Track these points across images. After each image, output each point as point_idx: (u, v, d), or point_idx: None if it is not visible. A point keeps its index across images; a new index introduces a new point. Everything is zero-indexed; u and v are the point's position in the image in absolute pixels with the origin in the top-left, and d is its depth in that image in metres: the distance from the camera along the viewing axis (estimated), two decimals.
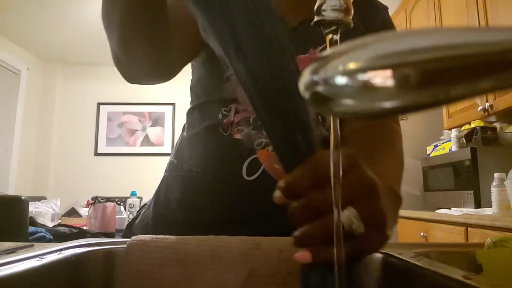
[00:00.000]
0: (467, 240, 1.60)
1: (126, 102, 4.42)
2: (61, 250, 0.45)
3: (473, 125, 2.02)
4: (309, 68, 0.20)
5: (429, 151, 2.33)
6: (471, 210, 1.71)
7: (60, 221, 2.62)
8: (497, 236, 0.48)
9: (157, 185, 0.68)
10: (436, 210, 1.97)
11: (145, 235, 0.48)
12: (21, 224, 1.75)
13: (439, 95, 0.16)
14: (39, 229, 2.02)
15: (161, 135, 4.42)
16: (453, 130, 2.11)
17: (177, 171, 0.65)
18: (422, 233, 1.98)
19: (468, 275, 0.32)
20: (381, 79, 0.17)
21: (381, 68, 0.17)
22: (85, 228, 2.23)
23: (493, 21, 1.85)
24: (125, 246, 0.47)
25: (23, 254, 0.40)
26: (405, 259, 0.41)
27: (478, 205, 1.75)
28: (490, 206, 1.64)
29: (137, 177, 4.14)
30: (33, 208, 2.39)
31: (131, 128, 4.42)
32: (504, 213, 1.53)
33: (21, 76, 3.94)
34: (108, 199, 2.39)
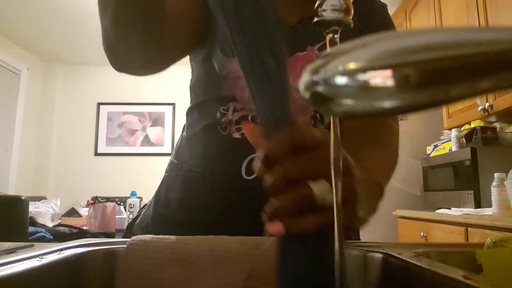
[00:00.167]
0: (467, 240, 1.60)
1: (126, 102, 4.42)
2: (61, 250, 0.45)
3: (473, 125, 2.02)
4: (309, 68, 0.20)
5: (429, 151, 2.34)
6: (471, 210, 1.71)
7: (60, 221, 2.62)
8: (497, 236, 0.48)
9: (157, 185, 0.68)
10: (436, 210, 1.97)
11: (145, 235, 0.48)
12: (21, 224, 1.75)
13: (439, 95, 0.16)
14: (39, 229, 2.02)
15: (161, 135, 4.42)
16: (453, 130, 2.11)
17: (177, 171, 0.65)
18: (422, 233, 1.98)
19: (468, 275, 0.32)
20: (381, 79, 0.17)
21: (381, 68, 0.17)
22: (85, 228, 2.23)
23: (493, 21, 1.85)
24: (125, 246, 0.47)
25: (23, 254, 0.40)
26: (405, 259, 0.41)
27: (478, 205, 1.75)
28: (490, 206, 1.64)
29: (137, 177, 4.14)
30: (33, 208, 2.39)
31: (131, 128, 4.42)
32: (504, 213, 1.53)
33: (21, 76, 3.95)
34: (108, 199, 2.39)
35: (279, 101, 0.32)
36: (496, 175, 1.60)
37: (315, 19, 0.30)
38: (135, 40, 0.51)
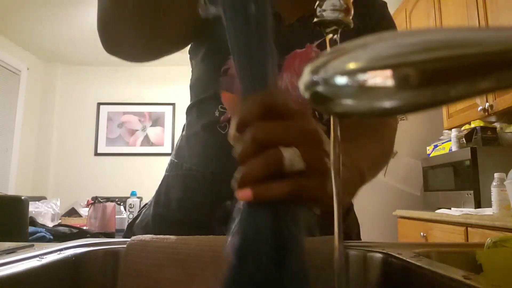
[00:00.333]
0: (467, 240, 1.60)
1: (126, 102, 4.42)
2: (61, 250, 0.45)
3: (473, 125, 2.02)
4: (309, 68, 0.20)
5: (429, 151, 2.34)
6: (471, 210, 1.71)
7: (60, 221, 2.62)
8: (497, 236, 0.48)
9: (157, 185, 0.68)
10: (436, 210, 1.97)
11: (145, 235, 0.48)
12: (21, 224, 1.75)
13: (439, 95, 0.16)
14: (39, 229, 2.02)
15: (161, 135, 4.42)
16: (453, 130, 2.11)
17: (177, 170, 0.65)
18: (422, 233, 1.98)
19: (468, 275, 0.32)
20: (381, 79, 0.17)
21: (381, 68, 0.17)
22: (85, 228, 2.23)
23: (493, 21, 1.85)
24: (125, 246, 0.47)
25: (23, 254, 0.40)
26: (405, 259, 0.41)
27: (478, 205, 1.75)
28: (490, 206, 1.64)
29: (137, 177, 4.14)
30: (33, 208, 2.39)
31: (131, 128, 4.42)
32: (504, 213, 1.53)
33: (21, 76, 3.95)
34: (108, 199, 2.39)
35: (259, 67, 0.32)
36: (496, 175, 1.60)
37: (315, 19, 0.30)
38: (129, 25, 0.51)
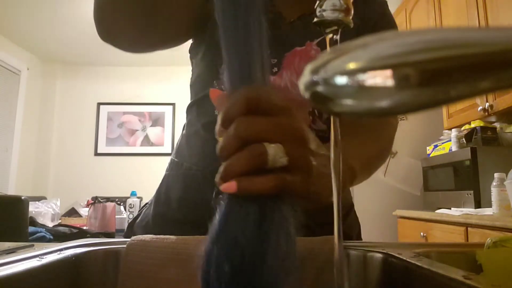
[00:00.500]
0: (467, 240, 1.60)
1: (126, 102, 4.42)
2: (61, 250, 0.45)
3: (473, 125, 2.02)
4: (309, 68, 0.20)
5: (429, 151, 2.33)
6: (471, 210, 1.71)
7: (60, 221, 2.62)
8: (497, 236, 0.48)
9: (157, 185, 0.68)
10: (436, 210, 1.97)
11: (145, 235, 0.48)
12: (21, 224, 1.75)
13: (439, 95, 0.16)
14: (39, 229, 2.02)
15: (161, 135, 4.42)
16: (453, 130, 2.11)
17: (178, 169, 0.65)
18: (422, 233, 1.98)
19: (468, 275, 0.32)
20: (381, 79, 0.17)
21: (381, 68, 0.17)
22: (85, 228, 2.23)
23: (493, 21, 1.85)
24: (125, 246, 0.47)
25: (23, 254, 0.40)
26: (405, 259, 0.41)
27: (478, 205, 1.75)
28: (490, 206, 1.64)
29: (137, 177, 4.14)
30: (33, 208, 2.39)
31: (131, 128, 4.42)
32: (504, 213, 1.53)
33: (21, 76, 3.95)
34: (108, 199, 2.39)
35: (244, 63, 0.32)
36: (496, 175, 1.60)
37: (315, 19, 0.30)
38: (125, 17, 0.52)
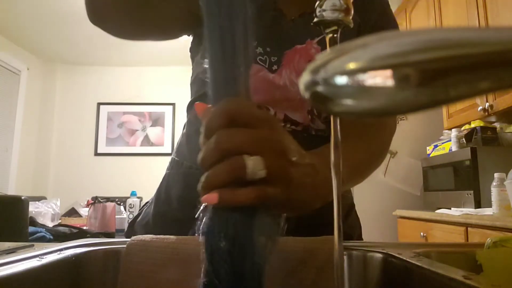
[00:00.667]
0: (467, 240, 1.60)
1: (126, 102, 4.42)
2: (61, 250, 0.45)
3: (473, 125, 2.02)
4: (309, 68, 0.20)
5: (429, 151, 2.34)
6: (471, 210, 1.71)
7: (60, 221, 2.62)
8: (497, 236, 0.48)
9: (157, 185, 0.68)
10: (436, 210, 1.97)
11: (145, 235, 0.48)
12: (21, 224, 1.75)
13: (439, 95, 0.16)
14: (39, 229, 2.02)
15: (161, 135, 4.42)
16: (453, 130, 2.11)
17: (178, 168, 0.65)
18: (422, 233, 1.98)
19: (468, 275, 0.32)
20: (381, 79, 0.17)
21: (381, 68, 0.17)
22: (85, 228, 2.23)
23: (493, 21, 1.85)
24: (125, 246, 0.47)
25: (23, 254, 0.40)
26: (405, 259, 0.41)
27: (478, 205, 1.75)
28: (490, 206, 1.64)
29: (137, 177, 4.14)
30: (33, 208, 2.39)
31: (131, 128, 4.42)
32: (504, 213, 1.53)
33: (21, 76, 3.94)
34: (108, 199, 2.39)
35: (227, 76, 0.33)
36: (496, 175, 1.60)
37: (315, 19, 0.30)
38: (116, 6, 0.54)
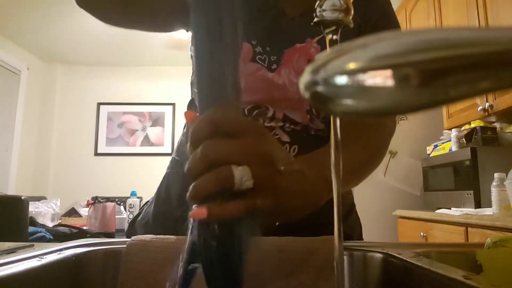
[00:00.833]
0: (467, 240, 1.60)
1: (126, 102, 4.42)
2: (61, 250, 0.45)
3: (473, 125, 2.02)
4: (309, 68, 0.20)
5: (429, 151, 2.33)
6: (471, 210, 1.71)
7: (60, 221, 2.62)
8: (497, 236, 0.48)
9: (157, 185, 0.68)
10: (436, 210, 1.97)
11: (145, 235, 0.48)
12: (21, 224, 1.75)
13: (439, 95, 0.16)
14: (39, 229, 2.02)
15: (161, 135, 4.42)
16: (453, 130, 2.11)
17: (178, 167, 0.65)
18: (422, 233, 1.98)
19: (468, 275, 0.32)
20: (381, 79, 0.17)
21: (381, 68, 0.17)
22: (85, 228, 2.23)
23: (493, 21, 1.85)
24: (125, 246, 0.47)
25: (23, 254, 0.40)
26: (405, 259, 0.41)
27: (478, 205, 1.75)
28: (490, 206, 1.64)
29: (137, 177, 4.14)
30: (33, 208, 2.39)
31: (131, 128, 4.42)
32: (504, 213, 1.53)
33: (21, 76, 3.94)
34: (108, 199, 2.39)
35: (214, 86, 0.33)
36: (496, 175, 1.60)
37: (315, 19, 0.30)
38: None
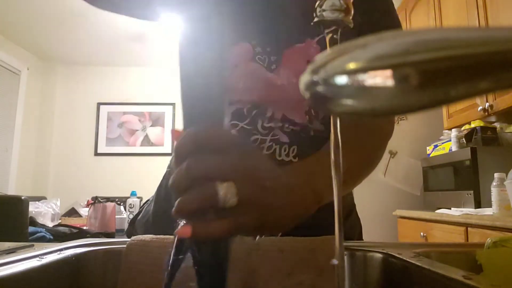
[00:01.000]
0: (467, 240, 1.60)
1: (126, 102, 4.42)
2: (61, 250, 0.45)
3: (473, 125, 2.02)
4: (309, 68, 0.20)
5: (429, 151, 2.33)
6: (471, 210, 1.71)
7: (60, 221, 2.62)
8: (497, 236, 0.48)
9: (157, 185, 0.68)
10: (436, 210, 1.97)
11: (145, 235, 0.48)
12: (21, 224, 1.75)
13: (439, 95, 0.16)
14: (39, 229, 2.02)
15: (161, 135, 4.42)
16: (453, 130, 2.11)
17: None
18: (422, 233, 1.98)
19: (468, 275, 0.32)
20: (381, 79, 0.17)
21: (381, 68, 0.17)
22: (85, 228, 2.23)
23: (493, 21, 1.85)
24: (125, 246, 0.47)
25: (23, 254, 0.40)
26: (405, 259, 0.42)
27: (478, 205, 1.75)
28: (490, 206, 1.64)
29: (137, 177, 4.14)
30: (33, 208, 2.39)
31: (131, 128, 4.42)
32: (504, 213, 1.53)
33: (21, 76, 3.94)
34: (108, 199, 2.38)
35: (198, 102, 0.33)
36: (496, 175, 1.60)
37: (315, 19, 0.30)
38: None
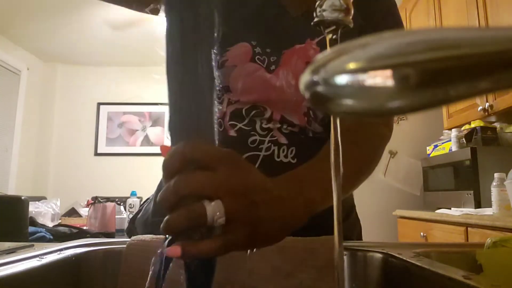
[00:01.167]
0: (467, 240, 1.60)
1: (126, 102, 4.42)
2: (61, 250, 0.45)
3: (473, 125, 2.02)
4: (309, 68, 0.20)
5: (429, 151, 2.33)
6: (471, 210, 1.71)
7: (60, 221, 2.62)
8: (497, 236, 0.48)
9: (157, 185, 0.68)
10: (436, 210, 1.97)
11: (145, 235, 0.48)
12: (21, 224, 1.75)
13: (439, 95, 0.16)
14: (39, 229, 2.02)
15: (161, 135, 4.42)
16: (453, 130, 2.11)
17: None
18: (422, 233, 1.98)
19: (468, 275, 0.32)
20: (381, 79, 0.17)
21: (381, 68, 0.17)
22: (85, 228, 2.23)
23: (493, 21, 1.85)
24: (125, 246, 0.47)
25: (23, 254, 0.40)
26: (405, 259, 0.42)
27: (478, 205, 1.75)
28: (490, 206, 1.64)
29: (137, 177, 4.14)
30: (33, 208, 2.39)
31: (131, 128, 4.42)
32: (504, 213, 1.53)
33: (21, 76, 3.94)
34: (108, 199, 2.38)
35: (185, 120, 0.34)
36: (496, 175, 1.60)
37: (315, 19, 0.30)
38: None
